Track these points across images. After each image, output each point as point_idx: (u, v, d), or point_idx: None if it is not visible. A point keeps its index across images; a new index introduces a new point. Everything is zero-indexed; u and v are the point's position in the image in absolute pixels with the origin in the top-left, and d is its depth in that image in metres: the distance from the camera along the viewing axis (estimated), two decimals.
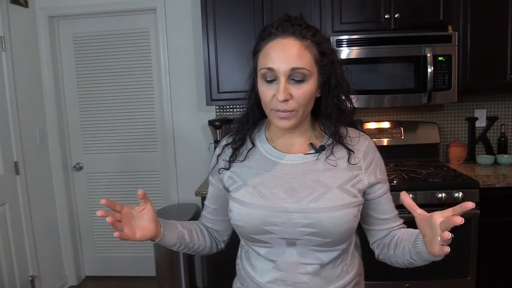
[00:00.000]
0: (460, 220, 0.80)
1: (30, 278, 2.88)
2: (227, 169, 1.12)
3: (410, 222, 1.03)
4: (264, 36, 1.02)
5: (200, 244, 1.21)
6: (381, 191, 1.12)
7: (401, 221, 1.17)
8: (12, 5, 2.77)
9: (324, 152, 1.07)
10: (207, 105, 2.74)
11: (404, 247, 1.07)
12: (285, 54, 0.97)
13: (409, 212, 0.95)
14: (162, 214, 2.88)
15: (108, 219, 0.95)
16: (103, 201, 0.97)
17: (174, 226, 1.16)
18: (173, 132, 3.12)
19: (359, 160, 1.07)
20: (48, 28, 3.08)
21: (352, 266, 1.12)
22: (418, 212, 0.93)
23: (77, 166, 3.29)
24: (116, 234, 0.97)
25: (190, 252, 1.22)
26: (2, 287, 2.64)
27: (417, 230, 1.01)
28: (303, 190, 1.03)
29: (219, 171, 1.14)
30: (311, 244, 1.02)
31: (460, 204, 0.84)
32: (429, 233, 0.90)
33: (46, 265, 3.05)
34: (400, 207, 1.05)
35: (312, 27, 1.01)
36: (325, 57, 1.02)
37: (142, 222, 1.05)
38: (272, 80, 0.98)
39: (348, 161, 1.06)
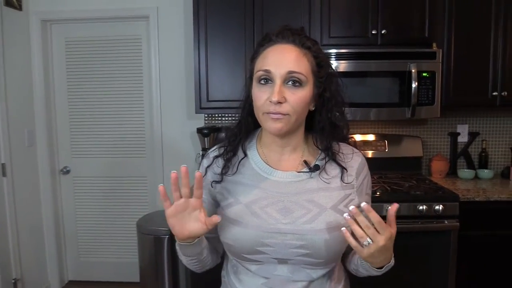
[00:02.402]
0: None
1: (13, 281, 2.86)
2: (219, 182, 1.08)
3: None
4: (263, 42, 1.02)
5: (208, 260, 1.12)
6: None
7: None
8: (6, 8, 2.79)
9: (317, 170, 1.05)
10: (196, 113, 2.78)
11: (357, 261, 1.08)
12: (283, 58, 0.97)
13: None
14: (148, 220, 2.89)
15: (184, 191, 0.91)
16: (183, 168, 0.91)
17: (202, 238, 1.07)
18: (162, 138, 3.15)
19: (352, 178, 1.06)
20: (41, 31, 3.10)
21: (340, 280, 1.12)
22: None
23: (64, 170, 3.29)
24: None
25: (199, 267, 1.12)
26: None
27: None
28: (297, 211, 1.01)
29: (211, 184, 1.09)
30: (303, 263, 1.01)
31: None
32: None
33: (29, 268, 3.04)
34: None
35: (311, 39, 1.02)
36: (322, 69, 1.02)
37: (191, 220, 0.94)
38: (267, 83, 0.98)
39: (341, 179, 1.05)
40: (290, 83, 0.97)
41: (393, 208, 0.91)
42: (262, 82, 0.98)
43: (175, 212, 0.92)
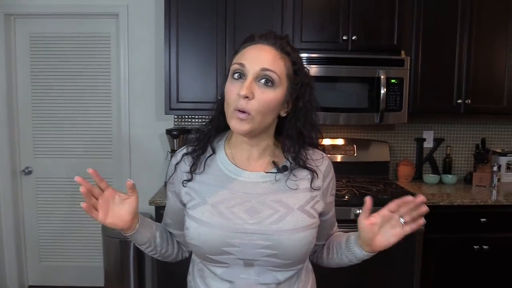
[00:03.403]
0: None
1: None
2: (190, 180, 1.07)
3: None
4: (246, 41, 1.04)
5: (168, 249, 1.18)
6: (332, 211, 1.16)
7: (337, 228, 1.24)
8: None
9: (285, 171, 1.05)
10: (165, 114, 2.73)
11: (337, 251, 1.14)
12: (259, 56, 0.98)
13: None
14: None
15: (82, 189, 0.94)
16: (90, 170, 0.97)
17: (150, 225, 1.14)
18: (129, 139, 3.08)
19: (320, 182, 1.08)
20: (4, 26, 2.98)
21: (307, 281, 1.12)
22: (369, 221, 1.03)
23: (26, 170, 3.16)
24: (83, 204, 0.95)
25: (157, 256, 1.19)
26: None
27: (345, 234, 1.12)
28: (264, 211, 1.01)
29: (183, 183, 1.08)
30: (270, 264, 1.01)
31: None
32: (373, 233, 1.03)
33: None
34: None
35: (293, 46, 1.04)
36: (298, 77, 1.03)
37: (120, 211, 1.02)
38: (240, 78, 0.98)
39: (311, 184, 1.06)
40: (262, 81, 0.97)
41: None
42: (236, 77, 0.99)
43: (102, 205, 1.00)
